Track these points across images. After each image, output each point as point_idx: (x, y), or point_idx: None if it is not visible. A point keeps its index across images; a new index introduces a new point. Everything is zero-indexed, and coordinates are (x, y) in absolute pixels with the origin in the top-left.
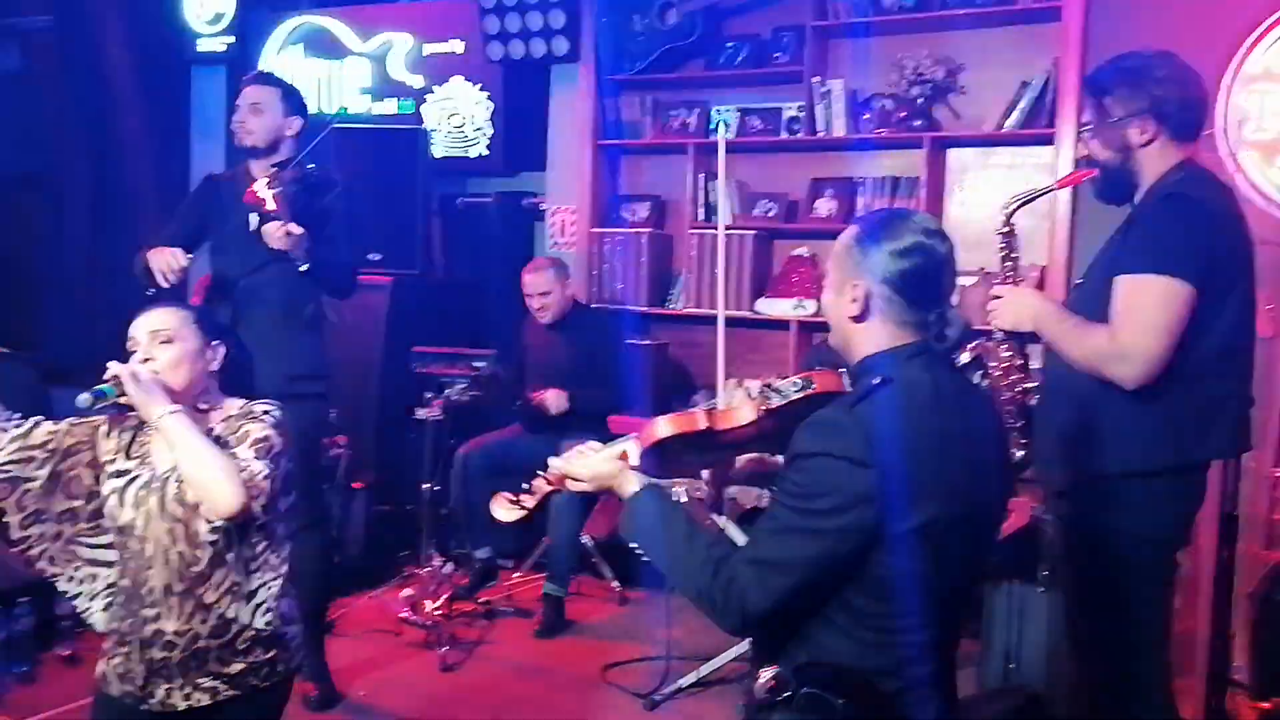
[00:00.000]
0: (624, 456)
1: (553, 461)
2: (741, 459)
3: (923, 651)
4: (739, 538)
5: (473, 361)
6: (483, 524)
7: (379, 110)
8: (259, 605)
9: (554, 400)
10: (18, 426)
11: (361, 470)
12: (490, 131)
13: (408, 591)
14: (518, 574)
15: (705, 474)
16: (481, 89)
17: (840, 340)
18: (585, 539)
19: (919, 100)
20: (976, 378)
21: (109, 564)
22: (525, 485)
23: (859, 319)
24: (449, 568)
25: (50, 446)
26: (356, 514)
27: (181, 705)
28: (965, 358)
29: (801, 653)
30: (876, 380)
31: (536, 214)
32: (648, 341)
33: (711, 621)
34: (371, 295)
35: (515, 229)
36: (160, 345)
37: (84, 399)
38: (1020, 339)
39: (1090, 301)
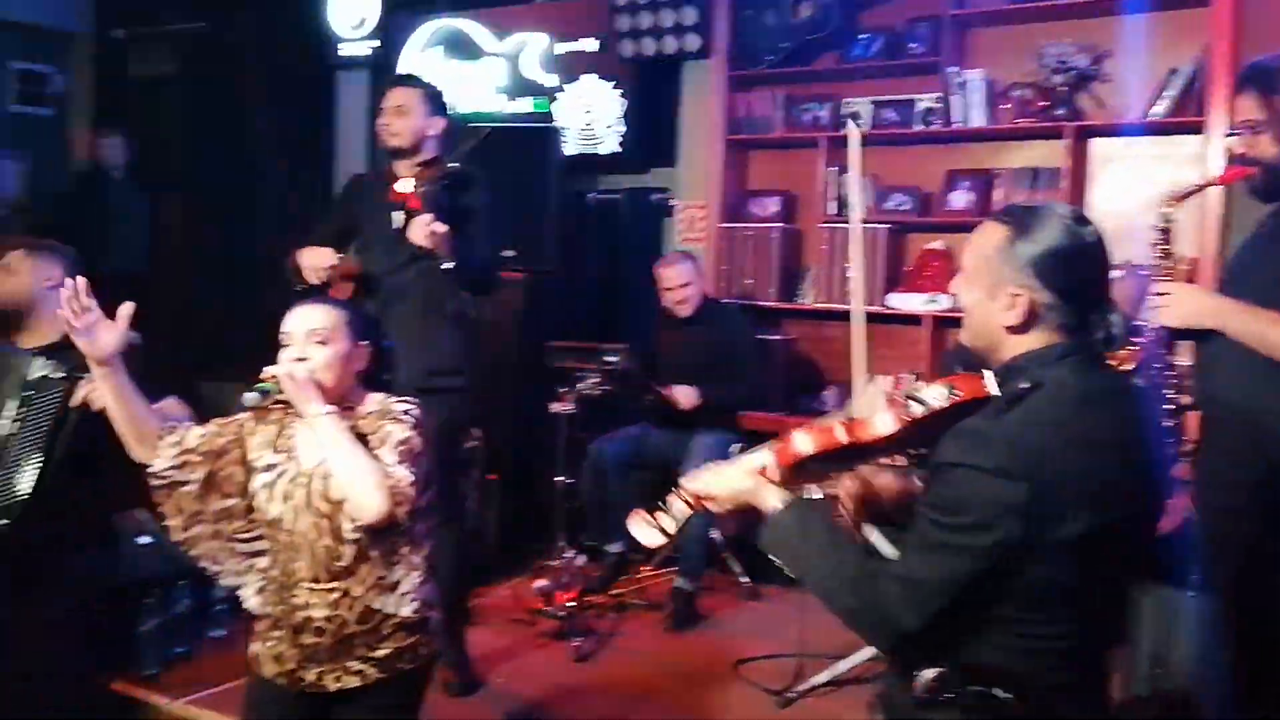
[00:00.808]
0: (762, 471)
1: (686, 481)
2: (887, 481)
3: (1076, 657)
4: (885, 547)
5: (605, 356)
6: (615, 518)
7: (513, 109)
8: (403, 595)
9: (685, 396)
10: (172, 433)
11: (497, 463)
12: (621, 128)
13: (541, 583)
14: (648, 568)
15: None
16: (614, 86)
17: (986, 343)
18: (715, 534)
19: (1061, 89)
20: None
21: (263, 553)
22: (661, 504)
23: (1018, 330)
24: (581, 560)
25: (204, 449)
26: (491, 506)
27: (332, 687)
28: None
29: (946, 654)
30: (1024, 385)
31: (666, 210)
32: (777, 336)
33: (860, 638)
34: (506, 291)
35: (645, 225)
36: (315, 345)
37: (251, 397)
38: (1175, 337)
39: (1256, 295)
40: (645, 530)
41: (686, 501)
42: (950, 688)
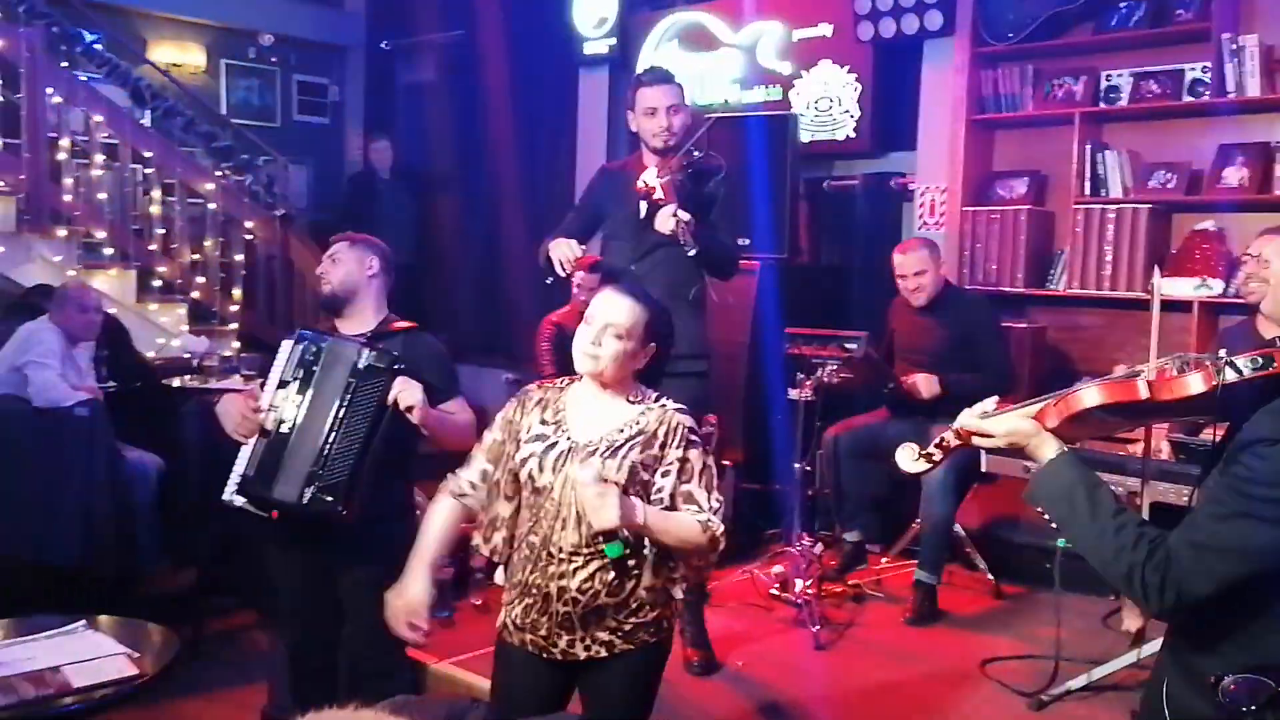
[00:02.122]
0: (1040, 416)
1: (964, 416)
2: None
3: None
4: None
5: (845, 343)
6: (853, 506)
7: (749, 99)
8: (655, 569)
9: (925, 384)
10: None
11: (730, 448)
12: (857, 113)
13: (778, 568)
14: (885, 559)
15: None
16: (849, 70)
17: None
18: (958, 527)
19: None
20: None
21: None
22: (937, 441)
23: None
24: (818, 548)
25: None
26: (725, 491)
27: (582, 655)
28: None
29: (1242, 654)
30: None
31: (905, 194)
32: (1025, 324)
33: (1128, 596)
34: (740, 279)
35: (882, 210)
36: (611, 337)
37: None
38: None
39: None
40: (910, 459)
41: (958, 433)
42: (1262, 691)
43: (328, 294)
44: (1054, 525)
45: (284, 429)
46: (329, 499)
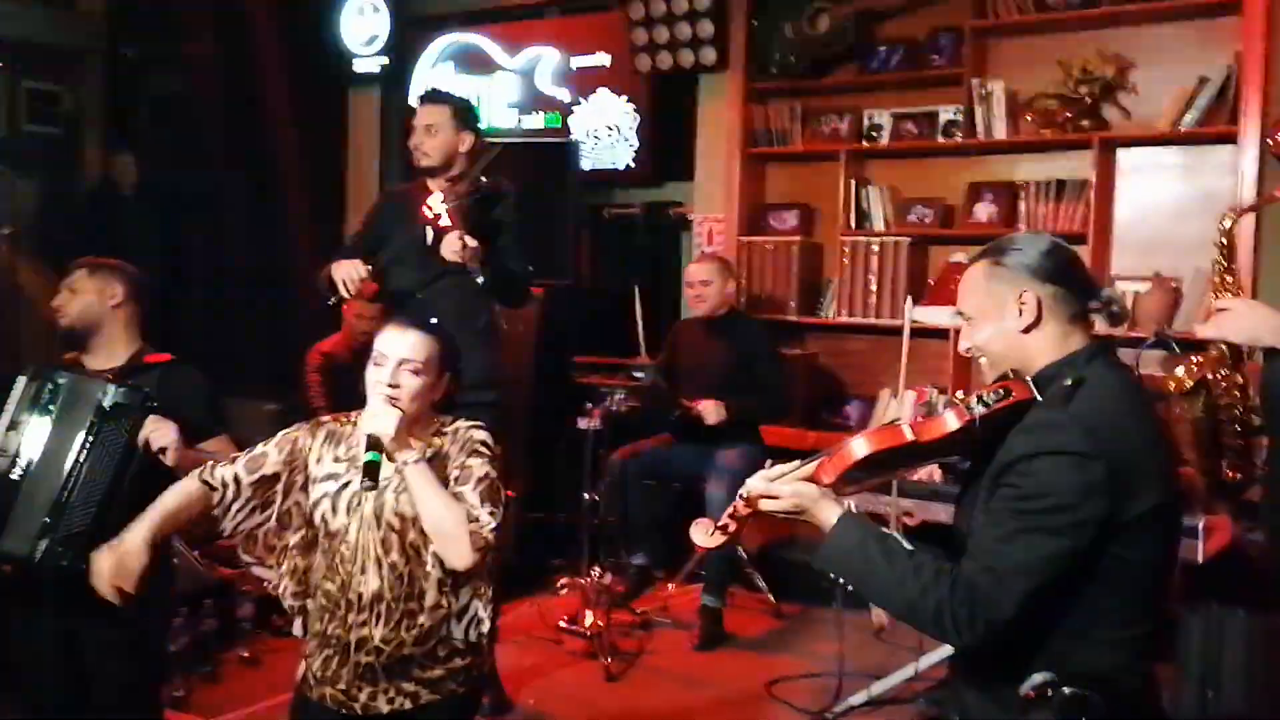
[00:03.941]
0: (817, 475)
1: (751, 481)
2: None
3: (1147, 652)
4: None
5: (633, 372)
6: (639, 530)
7: (527, 124)
8: (469, 620)
9: (712, 411)
10: (216, 491)
11: (512, 479)
12: (636, 143)
13: (566, 599)
14: (672, 585)
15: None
16: (628, 100)
17: (1011, 364)
18: (740, 550)
19: (1087, 100)
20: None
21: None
22: (729, 512)
23: (1032, 327)
24: (607, 579)
25: (277, 488)
26: (508, 522)
27: (385, 709)
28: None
29: (1044, 666)
30: (1069, 382)
31: (684, 223)
32: (798, 350)
33: (938, 638)
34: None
35: (662, 238)
36: (408, 373)
37: (367, 484)
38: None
39: None
40: (705, 536)
41: (747, 500)
42: (1046, 690)
43: (64, 327)
44: (851, 586)
45: (14, 475)
46: (67, 553)
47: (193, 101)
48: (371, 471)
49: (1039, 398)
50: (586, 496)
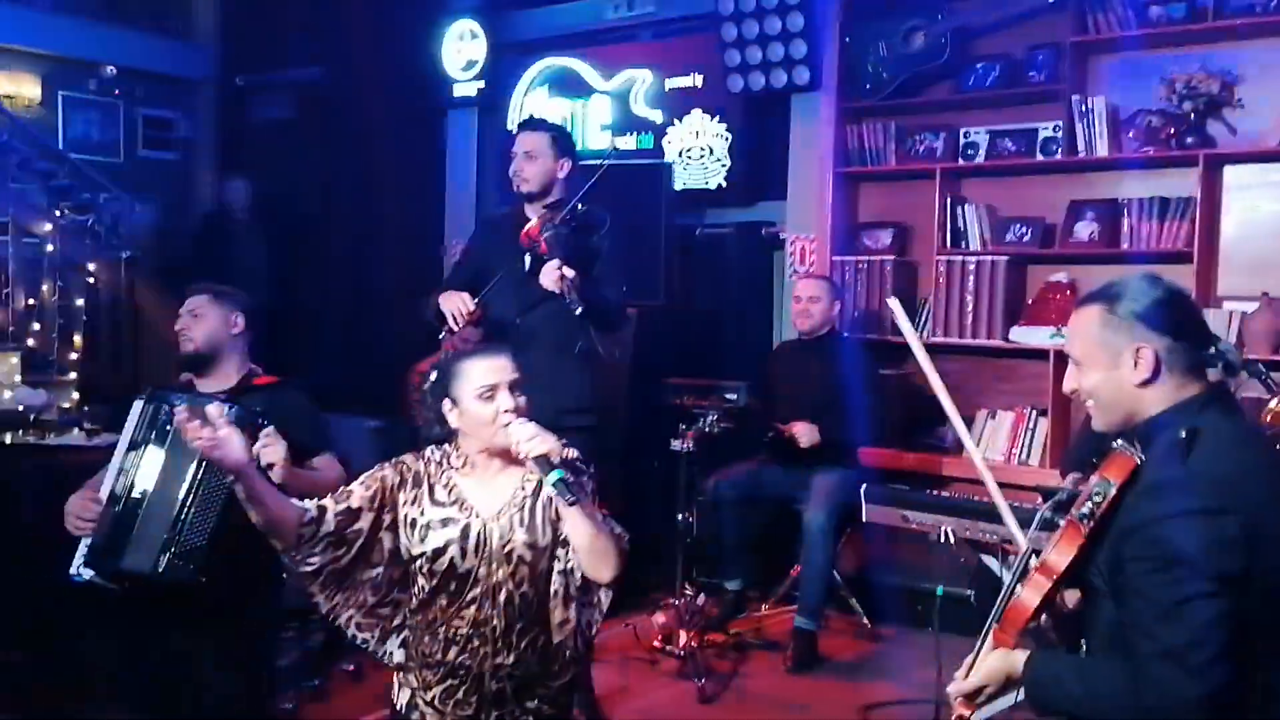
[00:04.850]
0: (999, 643)
1: (951, 691)
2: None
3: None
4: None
5: (725, 393)
6: (732, 552)
7: (621, 145)
8: (583, 633)
9: (805, 433)
10: (311, 524)
11: (607, 499)
12: (728, 163)
13: (660, 620)
14: (765, 606)
15: None
16: (720, 121)
17: (1126, 412)
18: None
19: (1191, 115)
20: None
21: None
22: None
23: (1149, 382)
24: (700, 599)
25: (360, 525)
26: None
27: None
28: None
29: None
30: (1183, 434)
31: (776, 243)
32: (894, 371)
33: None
34: None
35: (754, 258)
36: (518, 393)
37: (570, 498)
38: None
39: None
40: None
41: (958, 707)
42: None
43: (190, 352)
44: (1075, 715)
45: (135, 494)
46: (187, 565)
47: (298, 126)
48: (563, 487)
49: (1142, 459)
50: (680, 518)
